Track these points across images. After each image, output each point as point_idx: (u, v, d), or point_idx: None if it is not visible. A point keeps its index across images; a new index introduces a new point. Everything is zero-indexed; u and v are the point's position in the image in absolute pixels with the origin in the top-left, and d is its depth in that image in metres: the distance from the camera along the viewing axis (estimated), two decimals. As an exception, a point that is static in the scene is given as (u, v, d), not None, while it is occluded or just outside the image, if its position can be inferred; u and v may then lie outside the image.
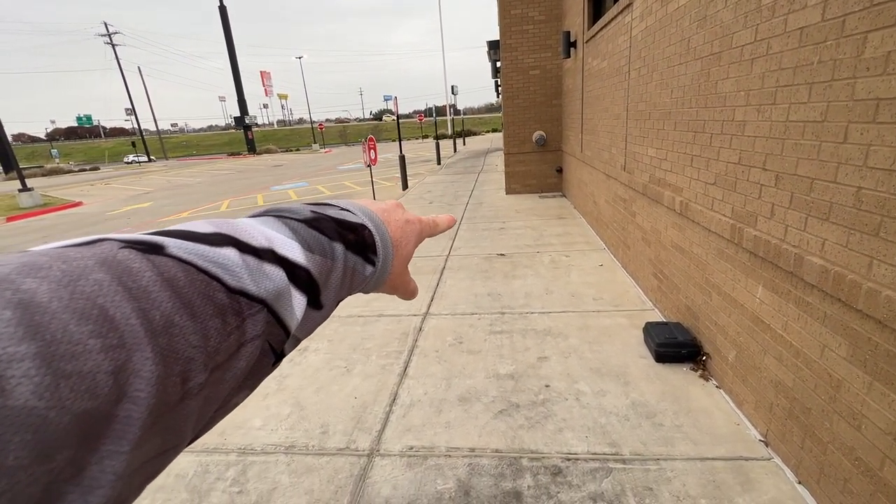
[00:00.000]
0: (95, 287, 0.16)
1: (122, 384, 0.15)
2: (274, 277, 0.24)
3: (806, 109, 1.80)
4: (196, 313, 0.19)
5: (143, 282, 0.18)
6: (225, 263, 0.22)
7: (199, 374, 0.19)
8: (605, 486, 2.00)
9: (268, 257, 0.24)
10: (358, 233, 0.32)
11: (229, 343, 0.21)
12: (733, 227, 2.35)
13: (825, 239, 1.71)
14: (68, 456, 0.14)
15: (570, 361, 3.00)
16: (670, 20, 3.12)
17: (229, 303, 0.21)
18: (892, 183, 1.42)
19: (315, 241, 0.28)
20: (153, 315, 0.17)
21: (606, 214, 5.34)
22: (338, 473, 2.21)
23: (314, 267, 0.27)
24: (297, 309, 0.26)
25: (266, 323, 0.23)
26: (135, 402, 0.16)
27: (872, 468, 1.53)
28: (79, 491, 0.14)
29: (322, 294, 0.28)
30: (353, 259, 0.31)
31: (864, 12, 1.50)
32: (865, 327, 1.54)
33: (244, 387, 0.24)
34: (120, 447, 0.15)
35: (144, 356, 0.16)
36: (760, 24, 2.08)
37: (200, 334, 0.19)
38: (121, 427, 0.15)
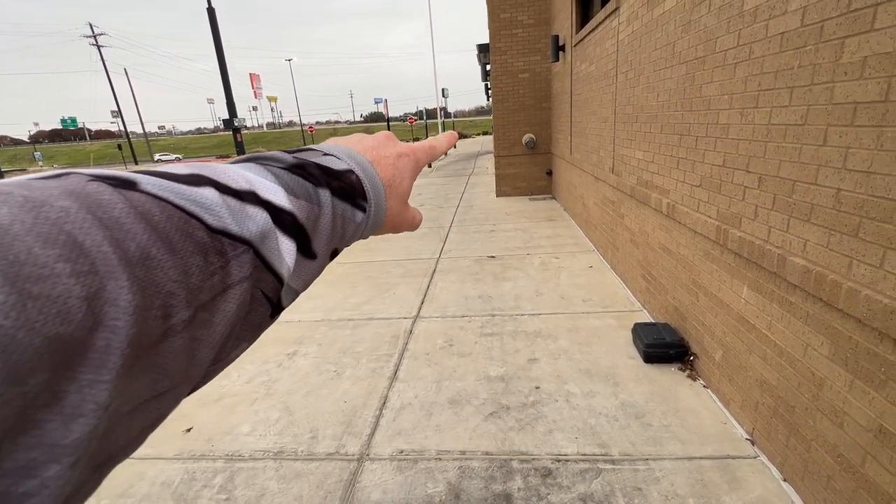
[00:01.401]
0: (62, 214, 0.15)
1: (98, 312, 0.15)
2: (257, 219, 0.23)
3: (787, 113, 1.83)
4: (175, 248, 0.19)
5: (114, 213, 0.17)
6: (204, 202, 0.21)
7: (181, 311, 0.18)
8: (594, 486, 2.01)
9: (250, 199, 0.23)
10: (344, 179, 0.31)
11: (213, 283, 0.20)
12: (718, 229, 2.38)
13: (807, 240, 1.75)
14: (42, 380, 0.13)
15: (559, 363, 3.01)
16: (656, 25, 3.16)
17: (211, 241, 0.20)
18: (870, 185, 1.45)
19: (299, 186, 0.27)
20: (127, 245, 0.17)
21: (595, 216, 5.38)
22: (327, 479, 2.19)
23: (300, 212, 0.26)
24: (286, 255, 0.25)
25: (253, 266, 0.23)
26: (112, 331, 0.15)
27: (854, 465, 1.56)
28: (59, 419, 0.14)
29: (313, 241, 0.27)
30: (342, 206, 0.30)
31: (842, 18, 1.54)
32: (846, 326, 1.57)
33: (242, 338, 0.23)
34: (100, 376, 0.15)
35: (119, 285, 0.16)
36: (743, 28, 2.12)
37: (180, 269, 0.19)
38: (99, 356, 0.15)
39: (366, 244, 6.50)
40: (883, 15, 1.38)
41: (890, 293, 1.38)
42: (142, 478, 2.29)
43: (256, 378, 3.12)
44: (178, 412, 2.74)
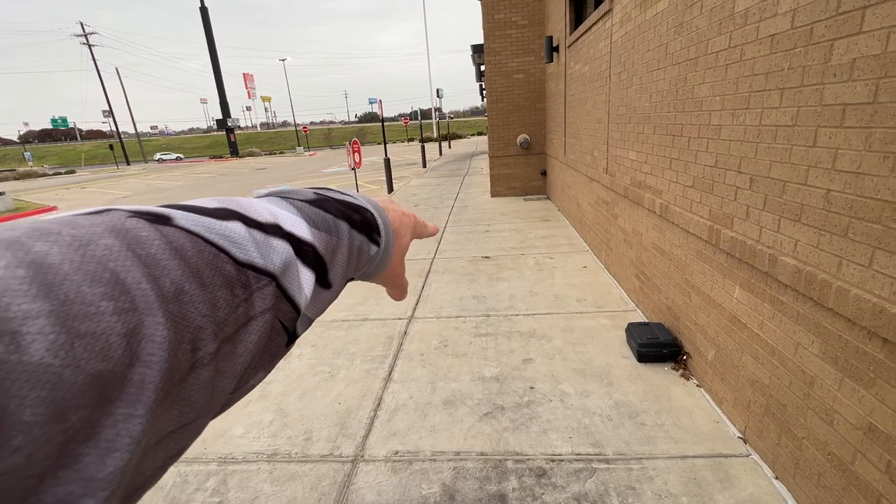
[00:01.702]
0: (106, 252, 0.16)
1: (135, 347, 0.16)
2: (281, 251, 0.24)
3: (777, 114, 1.85)
4: (204, 283, 0.19)
5: (151, 249, 0.18)
6: (231, 236, 0.22)
7: (209, 344, 0.19)
8: (588, 486, 2.01)
9: (274, 232, 0.24)
10: (362, 213, 0.33)
11: (238, 315, 0.21)
12: (711, 229, 2.40)
13: (797, 240, 1.76)
14: (83, 416, 0.14)
15: (554, 363, 3.02)
16: (649, 26, 3.18)
17: (237, 275, 0.21)
18: (859, 185, 1.47)
19: (320, 218, 0.28)
20: (163, 282, 0.18)
21: (589, 217, 5.40)
22: (321, 481, 2.18)
23: (320, 243, 0.27)
24: (305, 285, 0.26)
25: (275, 297, 0.23)
26: (148, 366, 0.16)
27: (845, 462, 1.57)
28: (95, 453, 0.14)
29: (330, 272, 0.28)
30: (359, 238, 0.32)
31: (831, 20, 1.55)
32: (836, 325, 1.58)
33: (259, 367, 0.24)
34: (135, 410, 0.15)
35: (156, 321, 0.16)
36: (734, 30, 2.14)
37: (209, 304, 0.19)
38: (135, 391, 0.15)
39: (360, 245, 6.49)
40: (871, 17, 1.39)
41: (878, 292, 1.40)
42: (133, 481, 2.26)
43: (250, 380, 3.10)
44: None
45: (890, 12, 1.33)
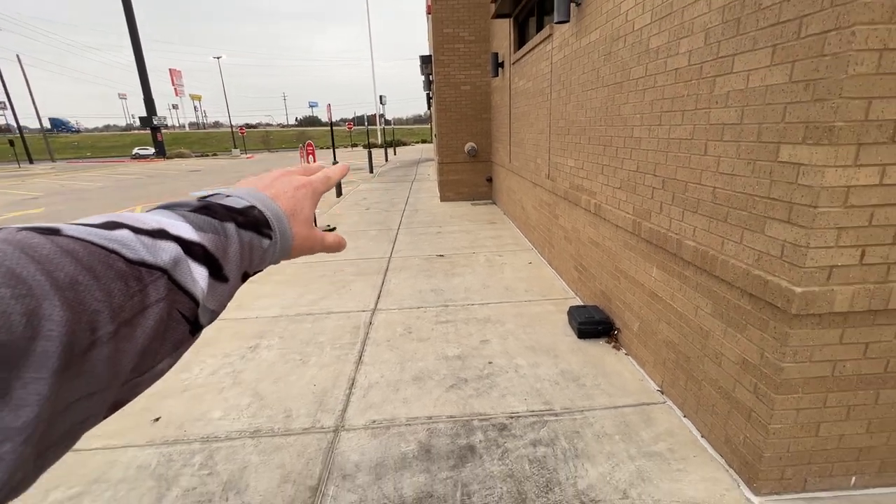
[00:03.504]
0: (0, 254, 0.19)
1: (35, 325, 0.19)
2: (168, 250, 0.28)
3: (680, 129, 2.38)
4: (98, 276, 0.23)
5: (44, 251, 0.21)
6: (121, 240, 0.25)
7: (106, 325, 0.22)
8: (542, 434, 2.41)
9: (160, 236, 0.28)
10: (246, 214, 0.36)
11: (134, 303, 0.24)
12: (634, 222, 2.92)
13: (695, 226, 2.29)
14: None
15: (508, 342, 3.42)
16: (584, 52, 3.73)
17: (129, 270, 0.25)
18: (733, 184, 1.99)
19: (205, 222, 0.32)
20: (57, 274, 0.21)
21: (533, 218, 5.95)
22: (307, 448, 2.38)
23: (208, 243, 0.31)
24: (199, 279, 0.29)
25: (168, 289, 0.27)
26: (48, 340, 0.19)
27: (728, 391, 2.09)
28: (8, 408, 0.18)
29: (224, 267, 0.32)
30: (248, 235, 0.35)
31: (714, 62, 2.09)
32: (721, 289, 2.11)
33: (165, 353, 0.28)
34: (40, 374, 0.19)
35: (53, 304, 0.20)
36: (649, 63, 2.68)
37: (104, 292, 0.23)
38: (39, 360, 0.19)
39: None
40: (738, 62, 1.93)
41: (746, 261, 1.92)
42: (114, 465, 2.32)
43: (220, 370, 3.19)
44: (143, 405, 2.78)
45: (748, 59, 1.86)
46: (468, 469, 2.19)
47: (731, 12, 1.95)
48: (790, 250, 1.69)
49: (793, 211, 1.68)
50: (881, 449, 1.91)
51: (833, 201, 1.58)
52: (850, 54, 1.44)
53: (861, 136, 1.51)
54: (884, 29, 1.42)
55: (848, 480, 1.95)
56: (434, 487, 2.09)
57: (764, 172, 1.81)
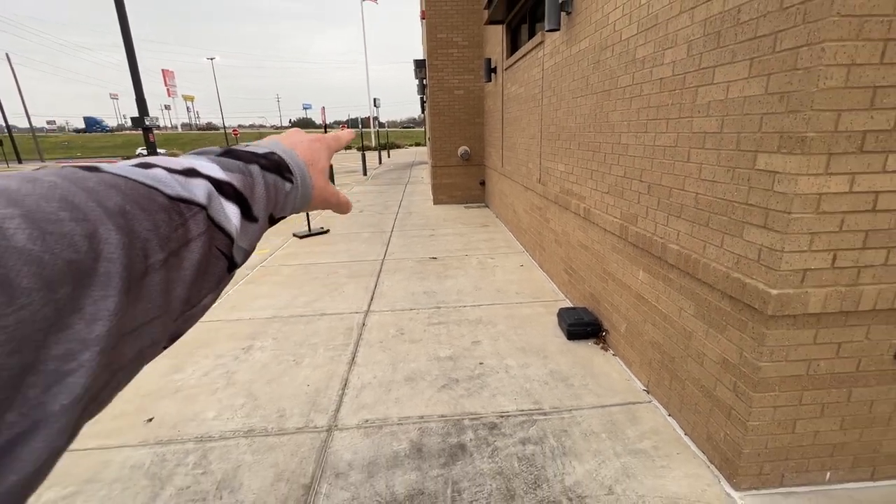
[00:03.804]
0: (52, 184, 0.21)
1: (97, 247, 0.20)
2: (202, 186, 0.29)
3: (665, 137, 2.46)
4: (143, 206, 0.24)
5: (89, 184, 0.22)
6: (158, 177, 0.27)
7: (157, 253, 0.24)
8: (531, 432, 2.46)
9: (192, 174, 0.29)
10: (269, 157, 0.37)
11: (178, 235, 0.26)
12: (622, 226, 3.00)
13: (679, 231, 2.37)
14: (68, 292, 0.19)
15: (499, 343, 3.48)
16: (574, 60, 3.82)
17: (170, 204, 0.26)
18: (714, 190, 2.07)
19: (231, 164, 0.33)
20: (106, 203, 0.22)
21: (525, 221, 6.03)
22: (300, 447, 2.42)
23: (237, 182, 0.32)
24: (232, 217, 0.31)
25: (206, 224, 0.28)
26: (110, 262, 0.21)
27: (709, 390, 2.16)
28: (83, 322, 0.19)
29: (253, 206, 0.33)
30: (272, 177, 0.36)
31: (696, 72, 2.17)
32: (703, 291, 2.18)
33: (209, 289, 0.29)
34: (107, 292, 0.20)
35: (108, 228, 0.21)
36: (635, 72, 2.76)
37: (150, 221, 0.24)
38: (104, 278, 0.20)
39: (311, 248, 6.60)
40: (718, 74, 2.01)
41: (726, 264, 2.00)
42: (108, 464, 2.34)
43: (213, 371, 3.21)
44: (136, 405, 2.80)
45: (728, 71, 1.94)
46: (458, 467, 2.24)
47: (712, 25, 2.03)
48: (766, 254, 1.77)
49: (769, 216, 1.76)
50: (854, 445, 1.99)
51: (806, 208, 1.66)
52: (821, 69, 1.53)
53: (831, 146, 1.59)
54: (851, 45, 1.50)
55: (823, 475, 2.03)
56: (425, 485, 2.13)
57: (742, 179, 1.89)
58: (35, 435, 0.18)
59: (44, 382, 0.18)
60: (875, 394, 1.91)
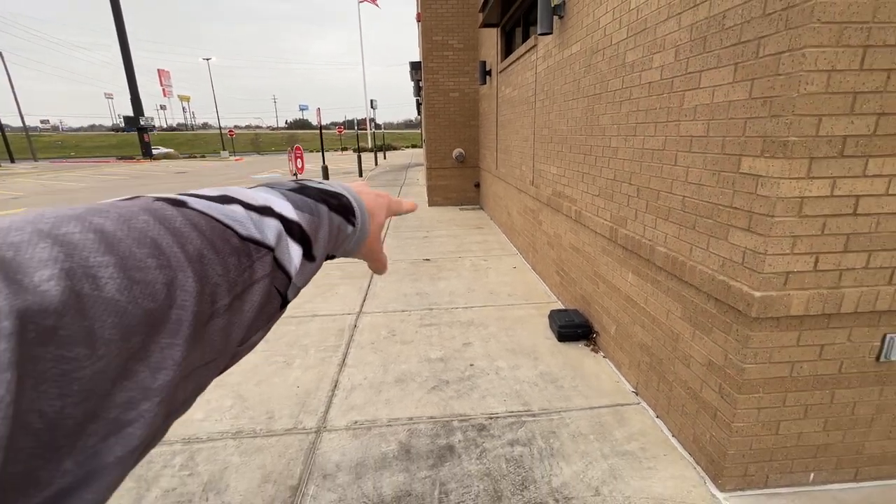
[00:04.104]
0: (145, 224, 0.21)
1: (173, 294, 0.21)
2: (273, 228, 0.30)
3: (653, 141, 2.48)
4: (218, 250, 0.25)
5: (176, 224, 0.23)
6: (234, 216, 0.27)
7: (224, 298, 0.24)
8: (520, 434, 2.47)
9: (267, 213, 0.30)
10: (339, 199, 0.39)
11: (244, 278, 0.26)
12: (611, 229, 3.02)
13: (667, 233, 2.39)
14: (139, 341, 0.19)
15: (490, 345, 3.49)
16: (566, 63, 3.84)
17: (242, 246, 0.27)
18: (700, 193, 2.09)
19: (303, 202, 0.34)
20: (188, 248, 0.23)
21: (518, 224, 6.05)
22: (288, 449, 2.41)
23: (304, 222, 0.33)
24: (294, 257, 0.31)
25: (272, 266, 0.29)
26: (183, 309, 0.21)
27: (696, 392, 2.18)
28: (148, 370, 0.20)
29: (314, 247, 0.34)
30: (338, 219, 0.37)
31: (683, 77, 2.19)
32: (689, 293, 2.20)
33: (259, 326, 0.29)
34: (175, 340, 0.21)
35: (186, 276, 0.22)
36: (625, 76, 2.78)
37: (223, 266, 0.25)
38: (175, 326, 0.21)
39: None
40: (704, 78, 2.03)
41: (711, 266, 2.02)
42: (93, 466, 2.32)
43: (203, 372, 3.20)
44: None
45: (713, 76, 1.97)
46: (446, 468, 2.24)
47: (698, 30, 2.06)
48: (750, 257, 1.79)
49: (752, 220, 1.78)
50: (837, 446, 2.01)
51: (788, 211, 1.68)
52: (802, 74, 1.55)
53: (813, 151, 1.62)
54: (831, 52, 1.53)
55: (807, 477, 2.04)
56: (413, 486, 2.13)
57: (727, 183, 1.91)
58: (88, 486, 0.18)
59: (103, 431, 0.18)
60: (857, 395, 1.93)
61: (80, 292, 0.17)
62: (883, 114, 1.58)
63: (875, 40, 1.52)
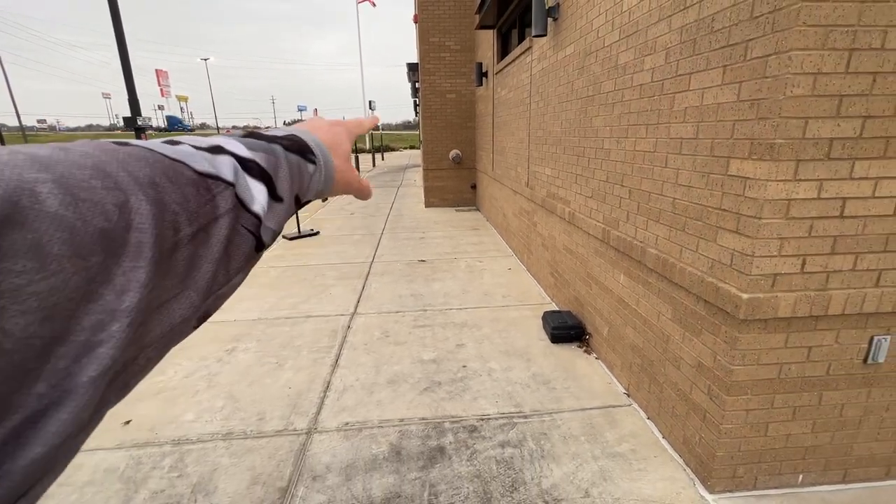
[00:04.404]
0: (83, 153, 0.21)
1: (128, 216, 0.20)
2: (228, 164, 0.29)
3: (645, 143, 2.49)
4: (172, 179, 0.24)
5: (119, 155, 0.22)
6: (185, 153, 0.27)
7: (186, 227, 0.24)
8: (510, 435, 2.47)
9: (218, 151, 0.29)
10: (290, 139, 0.37)
11: (207, 210, 0.26)
12: (604, 231, 3.02)
13: (658, 235, 2.39)
14: (99, 261, 0.19)
15: (483, 346, 3.49)
16: (560, 65, 3.85)
17: (199, 179, 0.26)
18: (690, 195, 2.10)
19: (255, 143, 0.33)
20: (137, 174, 0.22)
21: (514, 225, 6.05)
22: (278, 450, 2.40)
23: (261, 160, 0.32)
24: (258, 196, 0.30)
25: (234, 202, 0.28)
26: (141, 232, 0.21)
27: (686, 393, 2.18)
28: (113, 293, 0.19)
29: (278, 186, 0.33)
30: (295, 157, 0.36)
31: (674, 79, 2.20)
32: (679, 295, 2.20)
33: (238, 268, 0.29)
34: (138, 263, 0.20)
35: (139, 199, 0.21)
36: (617, 78, 2.79)
37: (180, 194, 0.24)
38: (135, 249, 0.20)
39: (300, 250, 6.58)
40: (694, 81, 2.04)
41: (701, 268, 2.02)
42: (80, 467, 2.31)
43: (196, 373, 3.19)
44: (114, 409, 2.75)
45: (703, 78, 1.97)
46: (437, 470, 2.23)
47: (688, 33, 2.06)
48: (738, 259, 1.80)
49: (740, 221, 1.78)
50: (826, 448, 2.01)
51: (775, 213, 1.68)
52: (788, 77, 1.56)
53: (799, 153, 1.62)
54: (817, 54, 1.53)
55: (796, 478, 2.05)
56: (402, 488, 2.13)
57: (716, 185, 1.92)
58: (63, 406, 0.18)
59: (73, 353, 0.18)
60: (845, 397, 1.94)
61: (18, 203, 0.17)
62: (869, 116, 1.59)
63: (861, 43, 1.53)
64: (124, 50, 9.26)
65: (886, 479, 2.09)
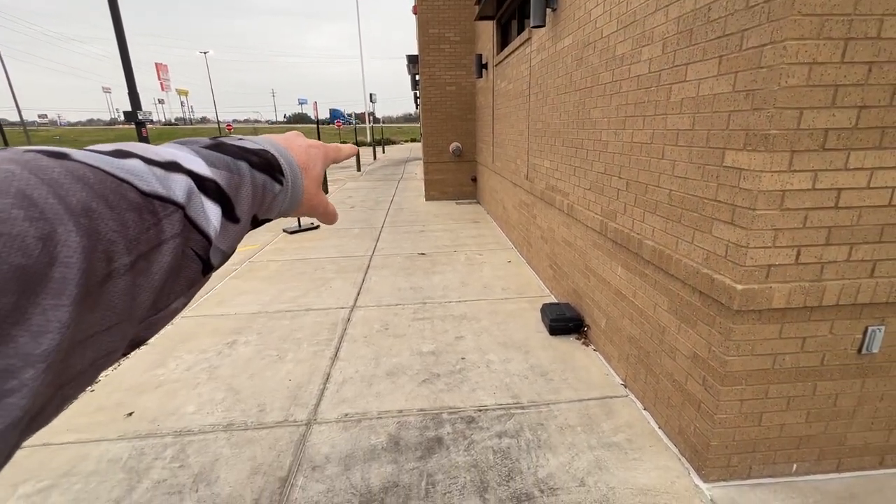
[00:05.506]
0: (9, 174, 0.18)
1: (52, 250, 0.18)
2: (181, 183, 0.26)
3: (642, 134, 2.48)
4: (111, 205, 0.21)
5: (53, 175, 0.20)
6: (132, 170, 0.24)
7: (123, 256, 0.21)
8: (508, 426, 2.49)
9: (173, 168, 0.26)
10: (261, 155, 0.34)
11: (149, 236, 0.23)
12: (602, 223, 3.03)
13: (654, 227, 2.39)
14: (11, 301, 0.16)
15: (482, 339, 3.51)
16: (559, 56, 3.82)
17: (143, 202, 0.23)
18: (686, 186, 2.10)
19: (218, 159, 0.30)
20: (69, 200, 0.19)
21: (513, 218, 6.05)
22: (278, 441, 2.44)
23: (221, 180, 0.29)
24: (212, 217, 0.28)
25: (182, 225, 0.26)
26: (67, 266, 0.18)
27: (681, 384, 2.20)
28: (28, 335, 0.17)
29: (236, 207, 0.31)
30: (261, 177, 0.34)
31: (671, 70, 2.19)
32: (675, 286, 2.21)
33: (179, 292, 0.27)
34: (60, 301, 0.18)
35: (68, 229, 0.19)
36: (615, 69, 2.77)
37: (119, 222, 0.21)
38: (58, 286, 0.18)
39: (300, 244, 6.60)
40: (690, 71, 2.03)
41: (696, 260, 2.03)
42: (85, 458, 2.35)
43: (196, 366, 3.22)
44: (116, 400, 2.80)
45: (699, 69, 1.96)
46: (434, 460, 2.26)
47: (685, 23, 2.05)
48: (733, 250, 1.80)
49: (735, 213, 1.78)
50: (819, 438, 2.03)
51: (770, 204, 1.68)
52: (783, 66, 1.55)
53: (794, 144, 1.62)
54: (812, 44, 1.52)
55: (790, 467, 2.07)
56: (400, 477, 2.16)
57: (712, 176, 1.91)
58: None
59: None
60: (839, 387, 1.95)
61: None
62: (864, 107, 1.59)
63: (856, 32, 1.52)
64: (124, 44, 9.20)
65: (880, 467, 2.11)
